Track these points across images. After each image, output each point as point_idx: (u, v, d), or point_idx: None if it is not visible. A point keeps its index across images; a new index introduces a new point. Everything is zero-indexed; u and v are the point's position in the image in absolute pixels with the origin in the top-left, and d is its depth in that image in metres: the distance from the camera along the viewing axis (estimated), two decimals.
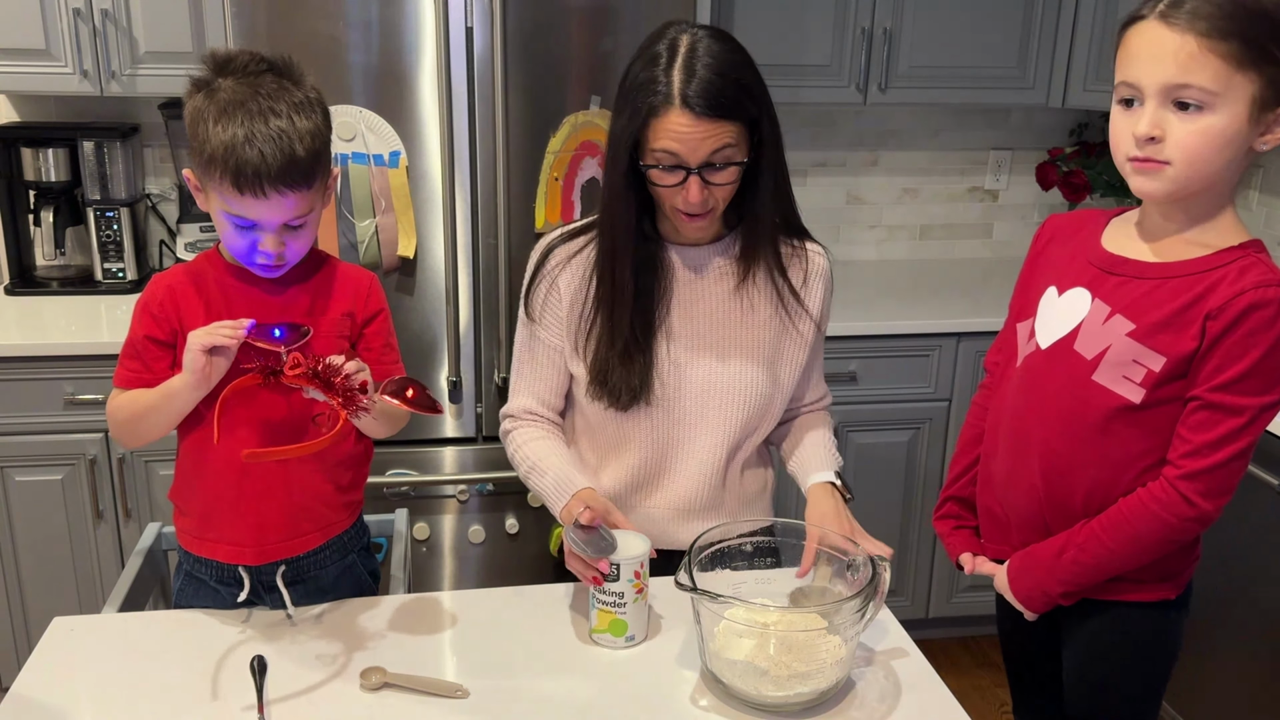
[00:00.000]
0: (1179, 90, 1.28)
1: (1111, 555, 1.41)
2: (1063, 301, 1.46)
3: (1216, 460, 1.35)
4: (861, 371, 2.81)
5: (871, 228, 3.41)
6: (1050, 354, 1.46)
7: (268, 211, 1.40)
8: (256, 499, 1.54)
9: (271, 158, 1.36)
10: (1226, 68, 1.26)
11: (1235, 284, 1.32)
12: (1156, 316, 1.36)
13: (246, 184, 1.37)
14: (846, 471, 2.83)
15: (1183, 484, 1.36)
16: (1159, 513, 1.38)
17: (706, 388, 1.63)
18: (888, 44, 2.86)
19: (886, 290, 3.13)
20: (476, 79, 2.33)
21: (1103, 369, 1.40)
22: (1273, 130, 1.32)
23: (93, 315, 2.69)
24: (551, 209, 2.43)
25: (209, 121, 1.37)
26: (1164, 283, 1.37)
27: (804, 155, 3.28)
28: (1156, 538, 1.39)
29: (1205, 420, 1.35)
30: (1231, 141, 1.29)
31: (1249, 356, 1.31)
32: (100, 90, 2.61)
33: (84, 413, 2.52)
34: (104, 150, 2.77)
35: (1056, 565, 1.46)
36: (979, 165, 3.40)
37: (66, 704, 1.34)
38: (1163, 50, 1.28)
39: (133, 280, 2.85)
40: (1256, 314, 1.30)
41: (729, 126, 1.45)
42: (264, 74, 1.41)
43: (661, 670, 1.43)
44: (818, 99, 2.91)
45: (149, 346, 1.50)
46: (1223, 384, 1.33)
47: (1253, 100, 1.28)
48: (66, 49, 2.57)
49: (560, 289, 1.63)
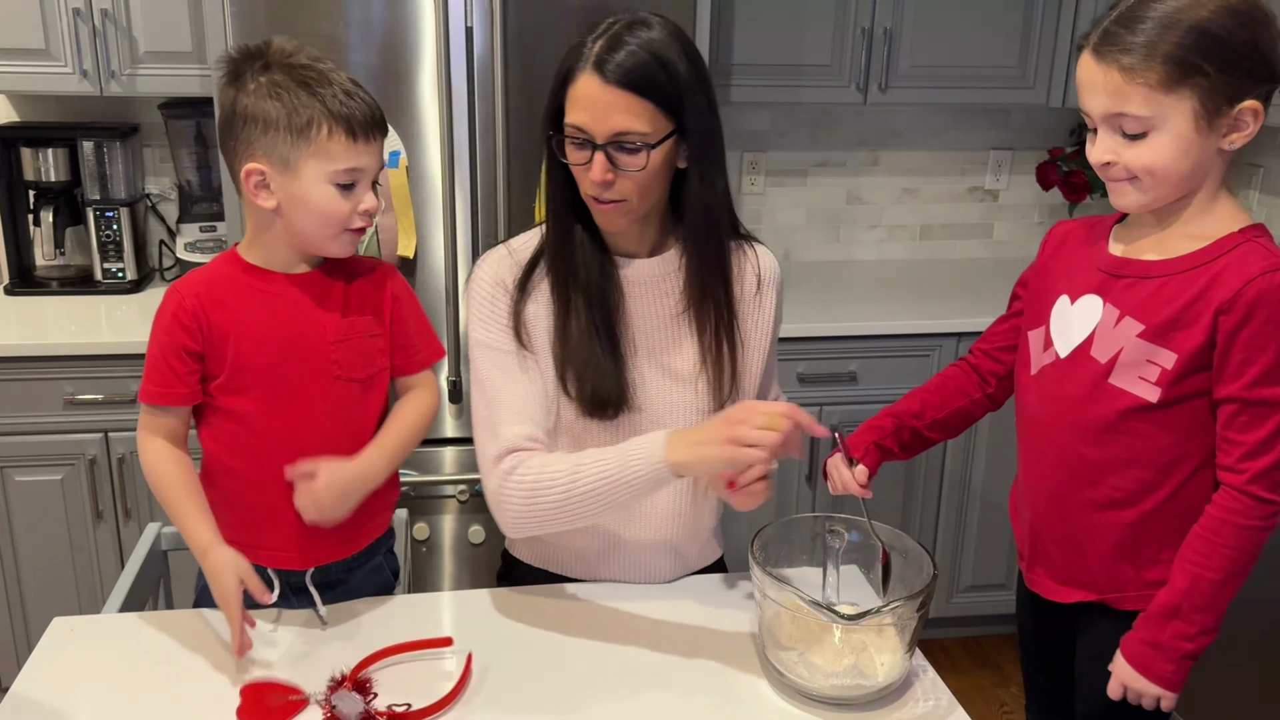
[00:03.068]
0: (1117, 119, 1.32)
1: (1223, 583, 1.39)
2: (1076, 309, 1.47)
3: (1275, 455, 1.35)
4: (861, 371, 2.81)
5: (871, 228, 3.41)
6: (1068, 362, 1.47)
7: (373, 158, 1.44)
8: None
9: (369, 104, 1.43)
10: (1156, 93, 1.28)
11: (1240, 274, 1.32)
12: (1165, 315, 1.37)
13: (360, 129, 1.41)
14: None
15: (1252, 487, 1.35)
16: (1242, 523, 1.37)
17: (666, 406, 1.57)
18: (888, 44, 2.86)
19: (886, 290, 3.13)
20: (476, 79, 2.33)
21: (1118, 371, 1.41)
22: (1235, 131, 1.32)
23: (92, 315, 2.69)
24: None
25: (289, 93, 1.39)
26: (1169, 280, 1.37)
27: (804, 155, 3.28)
28: (1251, 546, 1.38)
29: (1251, 420, 1.34)
30: (1187, 151, 1.31)
31: (1272, 346, 1.31)
32: (100, 90, 2.61)
33: (84, 413, 2.52)
34: (104, 150, 2.77)
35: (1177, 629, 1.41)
36: (979, 165, 3.40)
37: (66, 704, 1.34)
38: (1094, 83, 1.32)
39: (132, 280, 2.85)
40: (1268, 301, 1.30)
41: (640, 104, 1.38)
42: (297, 53, 1.44)
43: (661, 672, 1.44)
44: (818, 99, 2.91)
45: (183, 359, 1.46)
46: (1255, 380, 1.33)
47: (1194, 113, 1.29)
48: (66, 49, 2.57)
49: (530, 306, 1.54)
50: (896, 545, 1.49)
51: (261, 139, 1.40)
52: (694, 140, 1.45)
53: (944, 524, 2.96)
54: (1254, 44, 1.29)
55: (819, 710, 1.37)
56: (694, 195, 1.49)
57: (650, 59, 1.39)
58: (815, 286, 3.13)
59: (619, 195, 1.45)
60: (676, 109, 1.42)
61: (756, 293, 1.61)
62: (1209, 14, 1.27)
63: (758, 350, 1.62)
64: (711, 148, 1.47)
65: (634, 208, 1.47)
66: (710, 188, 1.49)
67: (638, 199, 1.46)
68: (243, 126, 1.41)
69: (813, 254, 3.40)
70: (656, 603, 1.59)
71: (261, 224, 1.48)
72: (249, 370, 1.48)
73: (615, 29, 1.42)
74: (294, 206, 1.43)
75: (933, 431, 1.65)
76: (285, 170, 1.41)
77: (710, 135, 1.46)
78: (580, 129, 1.42)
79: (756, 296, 1.61)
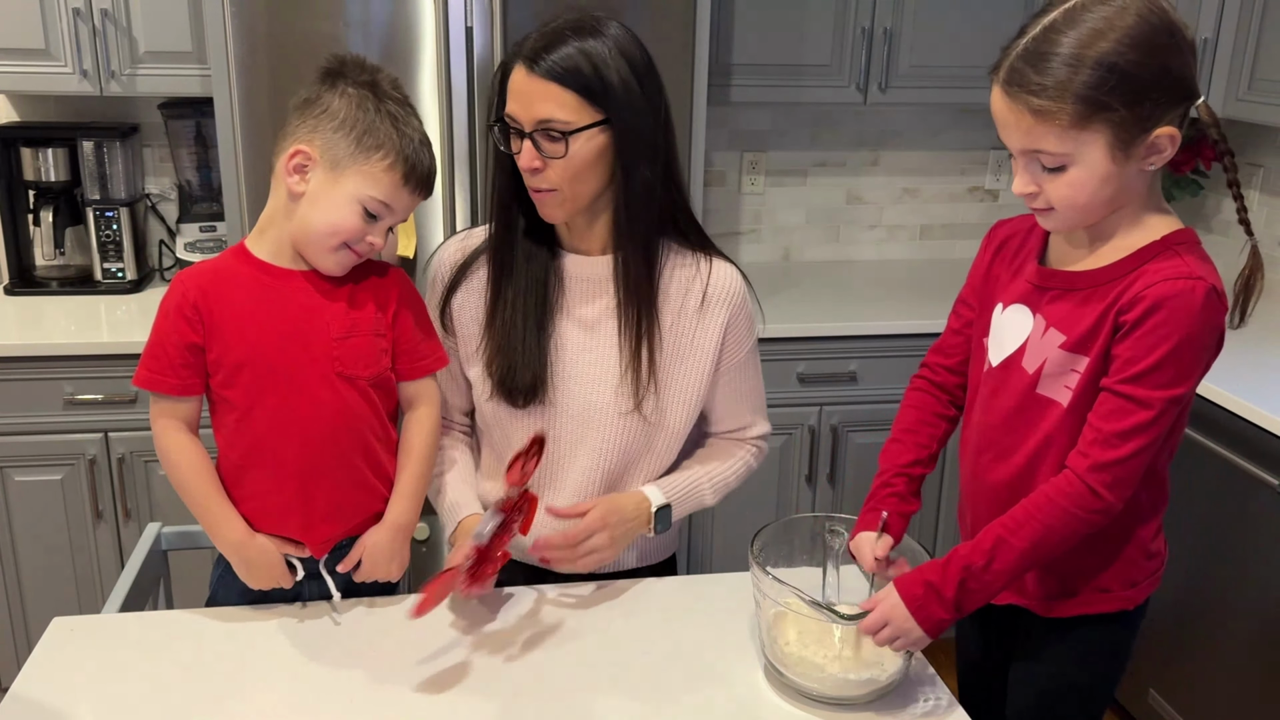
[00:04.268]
0: (1034, 154, 1.30)
1: (1023, 555, 1.36)
2: (1006, 318, 1.47)
3: (1125, 452, 1.32)
4: (861, 371, 2.81)
5: (871, 228, 3.41)
6: (1001, 370, 1.47)
7: (407, 207, 1.50)
8: (309, 493, 1.52)
9: (432, 164, 1.50)
10: (1068, 131, 1.26)
11: (1148, 279, 1.31)
12: (1084, 326, 1.36)
13: (417, 179, 1.48)
14: (848, 470, 2.87)
15: (1090, 475, 1.33)
16: (1067, 506, 1.34)
17: (587, 408, 1.59)
18: (888, 44, 2.86)
19: (886, 290, 3.13)
20: (476, 79, 2.33)
21: (1043, 382, 1.41)
22: (1154, 154, 1.30)
23: (92, 315, 2.69)
24: None
25: (375, 114, 1.45)
26: (1092, 292, 1.37)
27: (804, 155, 3.28)
28: (1064, 533, 1.35)
29: (1114, 410, 1.33)
30: (1106, 181, 1.30)
31: (1160, 349, 1.29)
32: (100, 90, 2.61)
33: (84, 413, 2.52)
34: (103, 150, 2.77)
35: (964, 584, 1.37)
36: (979, 165, 3.40)
37: (66, 704, 1.34)
38: (1007, 121, 1.31)
39: (132, 280, 2.85)
40: (1166, 306, 1.29)
41: (563, 93, 1.43)
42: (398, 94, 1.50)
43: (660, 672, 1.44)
44: (818, 99, 2.91)
45: (182, 351, 1.47)
46: (1133, 376, 1.31)
47: (1108, 146, 1.27)
48: (66, 49, 2.57)
49: (460, 293, 1.64)
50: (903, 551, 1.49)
51: (328, 132, 1.44)
52: (623, 138, 1.48)
53: (944, 524, 2.96)
54: (1164, 70, 1.26)
55: (819, 710, 1.37)
56: (622, 192, 1.52)
57: (577, 53, 1.44)
58: (815, 286, 3.13)
59: (549, 184, 1.49)
60: (602, 102, 1.46)
61: (700, 309, 1.61)
62: (1113, 45, 1.23)
63: (698, 369, 1.62)
64: (642, 147, 1.49)
65: (567, 197, 1.51)
66: (642, 187, 1.51)
67: (568, 188, 1.50)
68: (318, 114, 1.45)
69: (812, 254, 3.40)
70: (655, 602, 1.59)
71: (277, 211, 1.49)
72: (250, 364, 1.48)
73: (553, 26, 1.48)
74: (315, 203, 1.46)
75: (930, 466, 1.63)
76: (331, 169, 1.45)
77: (642, 134, 1.49)
78: (512, 118, 1.49)
79: (699, 313, 1.61)
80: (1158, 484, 1.46)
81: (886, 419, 2.84)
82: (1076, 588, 1.48)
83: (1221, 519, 2.39)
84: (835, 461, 2.87)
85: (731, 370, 1.66)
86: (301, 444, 1.50)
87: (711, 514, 2.83)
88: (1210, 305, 1.29)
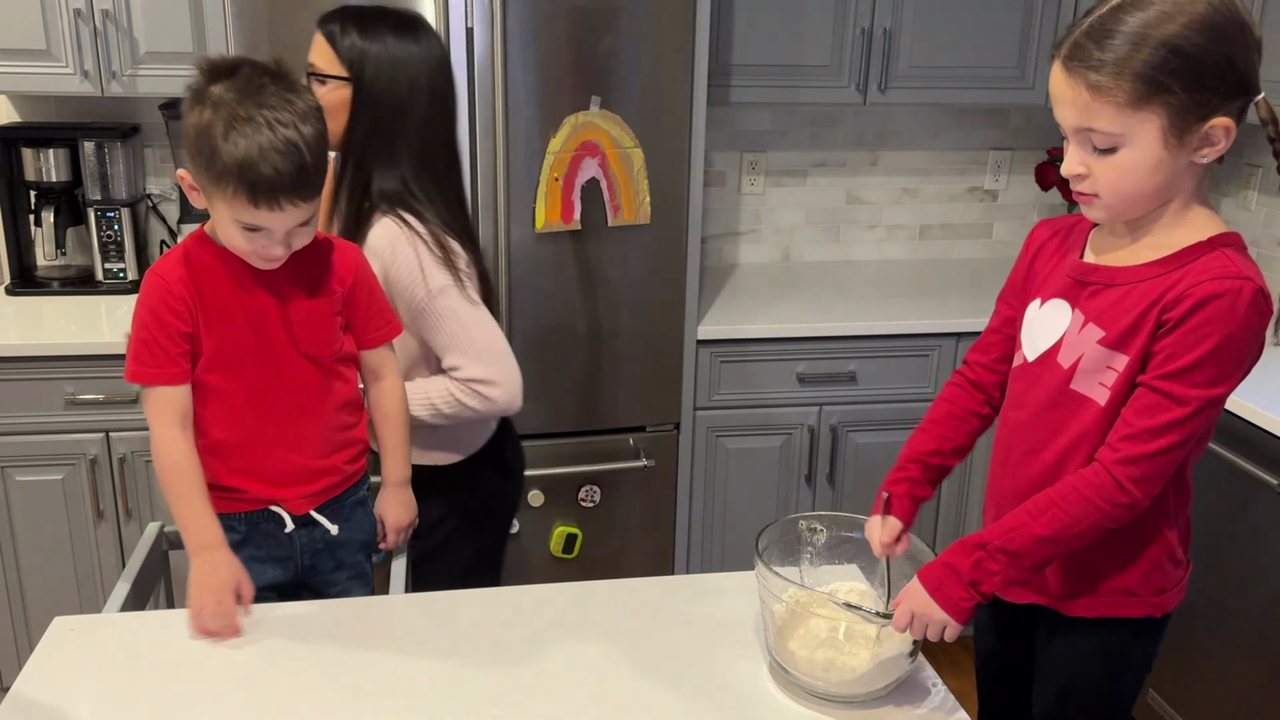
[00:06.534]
0: (1086, 133, 1.30)
1: (1042, 541, 1.35)
2: (1044, 313, 1.46)
3: (1155, 448, 1.31)
4: (861, 371, 2.81)
5: (871, 228, 3.41)
6: (1037, 366, 1.46)
7: (280, 221, 1.44)
8: (290, 461, 1.62)
9: (285, 171, 1.40)
10: (1124, 110, 1.26)
11: (1193, 276, 1.30)
12: (1125, 322, 1.35)
13: (263, 198, 1.41)
14: (847, 470, 2.86)
15: (1118, 469, 1.32)
16: (1091, 497, 1.33)
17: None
18: (887, 44, 2.86)
19: (886, 290, 3.13)
20: (477, 79, 2.33)
21: (1078, 378, 1.40)
22: (1207, 146, 1.29)
23: (93, 315, 2.69)
24: (551, 209, 2.43)
25: (217, 136, 1.39)
26: (1133, 288, 1.36)
27: (804, 155, 3.28)
28: (1085, 524, 1.34)
29: (1151, 405, 1.32)
30: (1156, 169, 1.29)
31: (1201, 346, 1.28)
32: (101, 90, 2.61)
33: (84, 412, 2.51)
34: (105, 150, 2.76)
35: (979, 560, 1.37)
36: (979, 165, 3.40)
37: (66, 704, 1.34)
38: (1064, 97, 1.30)
39: (133, 280, 2.84)
40: (1212, 304, 1.28)
41: (323, 44, 1.75)
42: (265, 84, 1.42)
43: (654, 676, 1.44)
44: (817, 99, 2.90)
45: (174, 340, 1.50)
46: (1172, 372, 1.30)
47: (1162, 131, 1.26)
48: (67, 49, 2.57)
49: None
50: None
51: (191, 157, 1.45)
52: (366, 85, 1.73)
53: (942, 523, 2.96)
54: (1228, 60, 1.25)
55: (823, 708, 1.36)
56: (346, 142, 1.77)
57: (341, 13, 1.76)
58: (814, 287, 3.13)
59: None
60: (349, 62, 1.74)
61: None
62: (1181, 29, 1.23)
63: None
64: (374, 98, 1.74)
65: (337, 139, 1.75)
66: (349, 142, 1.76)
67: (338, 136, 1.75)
68: (186, 137, 1.45)
69: (812, 254, 3.39)
70: (656, 602, 1.59)
71: None
72: (225, 348, 1.54)
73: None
74: (214, 219, 1.50)
75: (953, 459, 1.63)
76: (205, 192, 1.47)
77: (373, 86, 1.73)
78: (310, 63, 1.78)
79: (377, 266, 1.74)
80: (1181, 487, 1.44)
81: (886, 419, 2.87)
82: (1100, 588, 1.46)
83: (1221, 519, 2.39)
84: (835, 461, 2.86)
85: (414, 316, 1.76)
86: (276, 426, 1.59)
87: (713, 514, 2.83)
88: (1256, 307, 1.28)
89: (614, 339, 2.59)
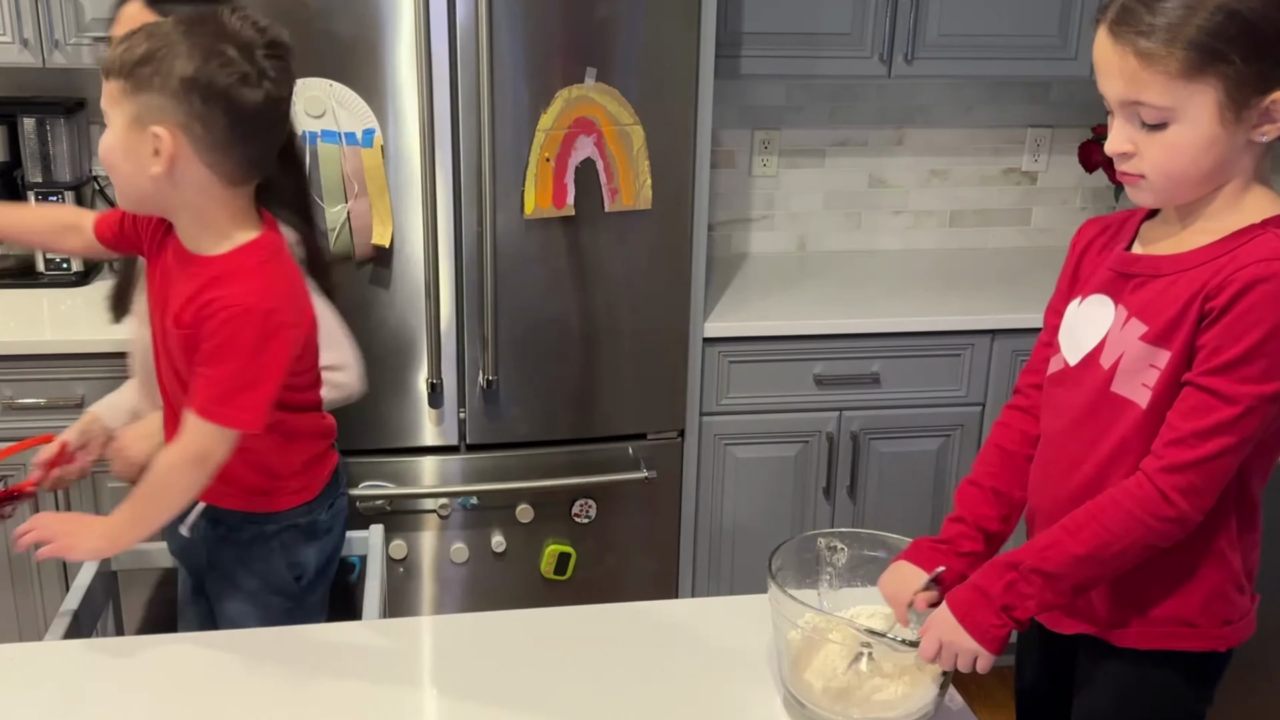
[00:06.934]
0: (1134, 106, 1.29)
1: (1080, 560, 1.34)
2: (1084, 311, 1.45)
3: (1203, 453, 1.29)
4: (885, 373, 2.81)
5: (896, 214, 3.41)
6: (1079, 370, 1.44)
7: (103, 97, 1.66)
8: None
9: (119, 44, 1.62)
10: (1176, 81, 1.25)
11: (1240, 260, 1.29)
12: (1168, 315, 1.34)
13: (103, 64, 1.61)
14: (870, 482, 2.86)
15: (1162, 478, 1.31)
16: (1133, 510, 1.32)
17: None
18: (914, 10, 2.86)
19: (913, 283, 3.13)
20: (459, 49, 2.33)
21: (1119, 378, 1.39)
22: (1268, 122, 1.28)
23: (34, 311, 2.69)
24: (542, 192, 2.43)
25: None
26: (1178, 277, 1.34)
27: (822, 133, 3.28)
28: (1126, 541, 1.32)
29: (1197, 406, 1.30)
30: (1210, 147, 1.28)
31: (1249, 337, 1.26)
32: (42, 61, 2.61)
33: (24, 419, 2.51)
34: (47, 127, 2.77)
35: (1011, 581, 1.36)
36: (1016, 144, 3.40)
37: None
38: (1110, 66, 1.30)
39: (78, 272, 2.84)
40: (1258, 289, 1.26)
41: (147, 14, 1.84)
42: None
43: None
44: (837, 71, 2.91)
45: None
46: (1218, 367, 1.28)
47: (1218, 104, 1.26)
48: (5, 15, 2.57)
49: None
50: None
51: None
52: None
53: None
54: None
55: None
56: None
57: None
58: (834, 279, 3.13)
59: None
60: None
61: None
62: None
63: None
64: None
65: None
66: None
67: None
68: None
69: (831, 243, 3.39)
70: (662, 627, 1.59)
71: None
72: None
73: None
74: None
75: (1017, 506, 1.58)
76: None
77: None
78: None
79: None
80: (1250, 506, 1.42)
81: (911, 425, 2.87)
82: (1152, 615, 1.44)
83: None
84: (856, 472, 2.86)
85: None
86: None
87: (721, 530, 2.83)
88: None
89: (611, 337, 2.60)
